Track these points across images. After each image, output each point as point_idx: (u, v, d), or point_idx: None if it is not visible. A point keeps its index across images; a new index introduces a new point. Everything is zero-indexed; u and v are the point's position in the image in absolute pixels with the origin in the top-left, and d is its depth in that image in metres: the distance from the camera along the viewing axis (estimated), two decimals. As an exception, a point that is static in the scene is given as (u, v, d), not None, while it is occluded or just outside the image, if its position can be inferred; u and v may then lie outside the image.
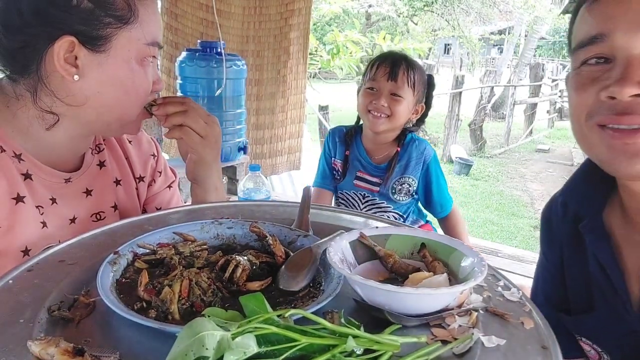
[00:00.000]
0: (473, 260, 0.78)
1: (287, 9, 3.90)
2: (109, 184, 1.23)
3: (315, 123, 8.10)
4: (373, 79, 2.02)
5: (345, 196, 2.22)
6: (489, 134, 12.40)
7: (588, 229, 0.99)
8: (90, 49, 0.98)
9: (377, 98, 1.99)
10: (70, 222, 1.13)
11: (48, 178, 1.09)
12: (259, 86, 4.01)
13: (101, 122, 1.08)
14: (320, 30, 13.90)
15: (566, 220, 1.06)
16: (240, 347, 0.52)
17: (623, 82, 0.77)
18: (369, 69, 2.06)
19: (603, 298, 0.97)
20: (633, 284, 0.94)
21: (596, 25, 0.83)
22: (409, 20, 17.46)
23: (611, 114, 0.81)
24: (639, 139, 0.79)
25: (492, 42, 23.14)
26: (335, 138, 2.25)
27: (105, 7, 0.98)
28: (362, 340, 0.60)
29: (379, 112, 1.99)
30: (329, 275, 0.80)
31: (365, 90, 2.05)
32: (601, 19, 0.82)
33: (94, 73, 1.00)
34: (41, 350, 0.57)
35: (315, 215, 1.09)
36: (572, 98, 0.90)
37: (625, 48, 0.79)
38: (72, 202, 1.14)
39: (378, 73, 2.01)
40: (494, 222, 7.15)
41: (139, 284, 0.76)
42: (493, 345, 0.66)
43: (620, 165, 0.83)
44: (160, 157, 1.39)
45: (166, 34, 3.62)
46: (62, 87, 1.00)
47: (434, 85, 2.14)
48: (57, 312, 0.70)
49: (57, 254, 0.88)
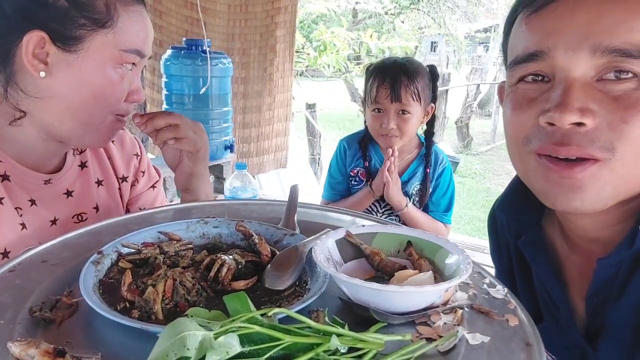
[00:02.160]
0: (458, 257, 0.78)
1: (273, 6, 3.89)
2: (90, 184, 1.22)
3: (303, 121, 8.09)
4: (376, 101, 1.97)
5: None
6: (476, 132, 12.47)
7: (527, 244, 0.95)
8: (60, 48, 0.97)
9: (386, 121, 1.96)
10: (52, 224, 1.12)
11: (26, 179, 1.08)
12: (246, 84, 4.00)
13: (65, 125, 1.04)
14: (307, 28, 13.88)
15: (510, 232, 1.03)
16: (223, 346, 0.52)
17: (563, 108, 0.70)
18: (370, 89, 2.00)
19: (548, 311, 0.94)
20: (576, 297, 0.90)
21: (535, 41, 0.76)
22: (396, 18, 17.49)
23: (549, 142, 0.74)
24: (575, 174, 0.73)
25: (478, 40, 23.23)
26: (350, 148, 2.20)
27: (82, 9, 0.96)
28: (346, 338, 0.60)
29: (390, 135, 1.97)
30: (314, 274, 0.80)
31: (372, 113, 2.01)
32: (540, 34, 0.75)
33: (62, 72, 0.98)
34: (21, 352, 0.56)
35: (302, 214, 1.09)
36: (508, 117, 0.84)
37: (565, 68, 0.72)
38: (53, 203, 1.13)
39: (380, 95, 1.96)
40: (480, 219, 7.19)
41: (123, 284, 0.75)
42: (477, 342, 0.67)
43: (557, 200, 0.77)
44: (143, 157, 1.37)
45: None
46: (30, 83, 0.98)
47: (437, 76, 2.09)
48: (38, 313, 0.69)
49: (40, 254, 0.87)
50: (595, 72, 0.71)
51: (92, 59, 0.99)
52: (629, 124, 0.69)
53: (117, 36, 1.00)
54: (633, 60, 0.68)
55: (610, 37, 0.69)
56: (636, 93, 0.69)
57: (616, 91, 0.70)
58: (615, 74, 0.70)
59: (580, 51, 0.70)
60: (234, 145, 3.36)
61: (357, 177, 2.16)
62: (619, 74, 0.70)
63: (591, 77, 0.71)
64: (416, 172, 2.10)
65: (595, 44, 0.69)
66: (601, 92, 0.71)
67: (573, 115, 0.70)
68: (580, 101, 0.70)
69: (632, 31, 0.68)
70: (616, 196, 0.75)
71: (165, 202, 1.45)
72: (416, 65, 2.01)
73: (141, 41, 1.05)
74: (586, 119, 0.70)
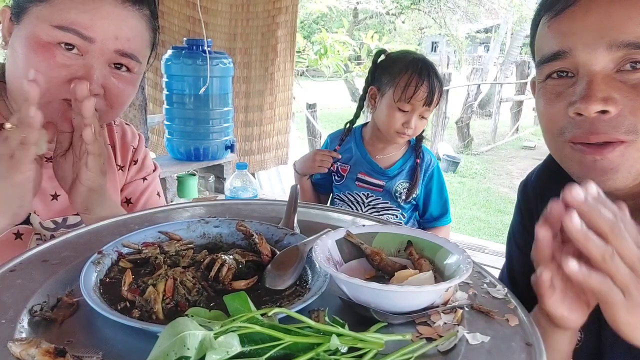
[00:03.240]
0: (459, 257, 0.78)
1: (275, 6, 3.91)
2: None
3: (303, 121, 8.09)
4: (408, 101, 1.92)
5: (346, 197, 2.16)
6: (476, 132, 12.48)
7: None
8: (12, 20, 1.00)
9: (408, 120, 1.95)
10: (52, 198, 1.11)
11: None
12: (247, 83, 4.03)
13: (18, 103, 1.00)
14: (307, 28, 13.90)
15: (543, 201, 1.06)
16: (223, 346, 0.52)
17: (588, 99, 0.79)
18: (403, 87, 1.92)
19: None
20: None
21: (556, 42, 0.84)
22: (396, 19, 17.50)
23: (580, 132, 0.83)
24: (607, 154, 0.81)
25: (479, 40, 23.27)
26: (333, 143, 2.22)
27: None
28: (347, 338, 0.60)
29: (407, 134, 1.98)
30: (315, 274, 0.80)
31: (395, 109, 1.96)
32: (560, 36, 0.84)
33: (13, 43, 1.00)
34: (22, 351, 0.56)
35: (303, 214, 1.09)
36: (541, 111, 0.92)
37: (586, 64, 0.81)
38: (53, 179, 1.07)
39: (416, 97, 1.91)
40: (480, 219, 7.20)
41: (123, 283, 0.75)
42: (478, 342, 0.67)
43: (593, 182, 0.83)
44: (139, 149, 1.35)
45: (153, 32, 3.60)
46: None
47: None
48: (39, 313, 0.69)
49: (41, 253, 0.87)
50: (614, 64, 0.79)
51: (24, 31, 0.98)
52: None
53: (52, 11, 0.96)
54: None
55: (622, 33, 0.77)
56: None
57: (633, 80, 0.78)
58: (631, 65, 0.78)
59: (598, 48, 0.79)
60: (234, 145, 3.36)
61: (338, 173, 2.16)
62: (634, 64, 0.78)
63: (611, 70, 0.79)
64: (402, 169, 2.10)
65: (611, 40, 0.77)
66: (621, 82, 0.79)
67: (597, 104, 0.78)
68: (602, 92, 0.78)
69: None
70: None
71: (161, 194, 1.41)
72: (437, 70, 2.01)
73: (84, 21, 0.97)
74: (609, 106, 0.78)
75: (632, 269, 0.64)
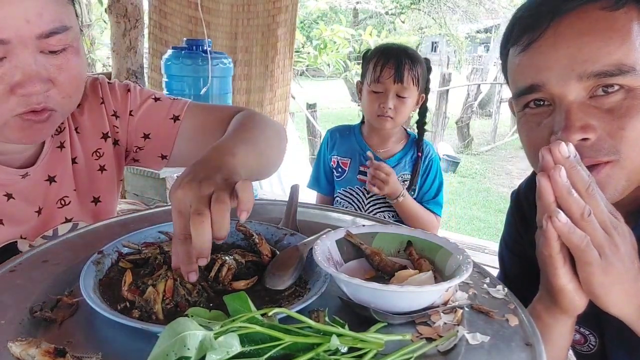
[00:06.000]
0: (459, 257, 0.78)
1: (275, 6, 3.95)
2: (68, 165, 1.14)
3: (303, 121, 8.09)
4: (378, 81, 1.97)
5: (348, 193, 2.16)
6: (476, 132, 12.47)
7: None
8: None
9: (384, 101, 1.96)
10: (37, 214, 1.08)
11: (1, 175, 1.02)
12: (248, 80, 4.09)
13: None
14: (307, 27, 13.88)
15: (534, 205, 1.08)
16: (223, 346, 0.52)
17: (568, 130, 0.80)
18: (372, 69, 2.00)
19: None
20: None
21: (529, 77, 0.86)
22: (396, 18, 17.51)
23: None
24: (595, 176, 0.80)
25: (479, 40, 23.24)
26: (334, 134, 2.23)
27: None
28: (347, 338, 0.60)
29: (386, 115, 1.98)
30: (315, 274, 0.80)
31: (370, 93, 2.01)
32: (532, 71, 0.85)
33: None
34: (22, 352, 0.56)
35: (303, 214, 1.09)
36: (524, 139, 0.93)
37: (561, 95, 0.82)
38: (33, 194, 1.07)
39: (383, 75, 1.96)
40: (480, 219, 7.19)
41: (123, 283, 0.75)
42: (477, 342, 0.67)
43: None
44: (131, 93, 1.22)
45: (155, 32, 3.65)
46: None
47: (430, 69, 2.12)
48: (39, 313, 0.69)
49: (41, 254, 0.87)
50: (586, 92, 0.81)
51: None
52: (625, 129, 0.79)
53: None
54: (616, 77, 0.78)
55: (593, 64, 0.79)
56: (625, 102, 0.79)
57: (607, 104, 0.80)
58: (603, 90, 0.80)
59: (570, 80, 0.81)
60: (234, 145, 3.35)
61: (339, 167, 2.17)
62: (606, 89, 0.80)
63: (584, 97, 0.81)
64: (401, 161, 2.10)
65: (581, 72, 0.80)
66: (595, 108, 0.81)
67: (577, 134, 0.80)
68: (580, 120, 0.80)
69: (610, 54, 0.78)
70: (630, 186, 0.85)
71: (160, 95, 1.27)
72: (416, 53, 2.05)
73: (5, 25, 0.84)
74: (589, 134, 0.80)
75: (604, 229, 0.71)
